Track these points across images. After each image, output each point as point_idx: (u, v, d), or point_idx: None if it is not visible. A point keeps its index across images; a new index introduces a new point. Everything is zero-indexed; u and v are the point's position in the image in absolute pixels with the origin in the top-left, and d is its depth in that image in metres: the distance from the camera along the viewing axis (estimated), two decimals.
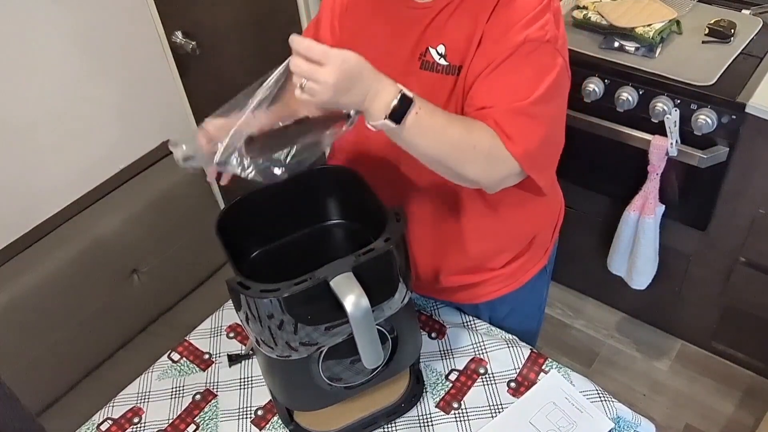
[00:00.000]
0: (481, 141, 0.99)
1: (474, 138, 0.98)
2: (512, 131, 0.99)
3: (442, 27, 1.06)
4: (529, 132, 1.01)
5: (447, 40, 1.05)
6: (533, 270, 1.34)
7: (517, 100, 1.00)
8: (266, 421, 1.21)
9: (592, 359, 2.29)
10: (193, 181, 1.84)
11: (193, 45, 1.91)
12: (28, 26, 1.51)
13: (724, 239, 1.91)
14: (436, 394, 1.22)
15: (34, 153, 1.62)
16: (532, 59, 1.01)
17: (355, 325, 0.91)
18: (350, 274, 0.90)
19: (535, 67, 1.02)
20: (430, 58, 1.07)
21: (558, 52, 1.04)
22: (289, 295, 0.88)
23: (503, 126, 0.99)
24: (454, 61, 1.05)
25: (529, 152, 1.01)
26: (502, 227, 1.23)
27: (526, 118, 1.01)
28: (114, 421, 1.24)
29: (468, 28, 1.03)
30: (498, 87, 1.01)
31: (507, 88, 1.01)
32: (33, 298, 1.57)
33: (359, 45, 1.14)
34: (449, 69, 1.06)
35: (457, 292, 1.33)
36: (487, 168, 1.01)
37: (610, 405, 1.17)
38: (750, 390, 2.15)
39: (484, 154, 0.99)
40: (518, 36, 1.00)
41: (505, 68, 1.01)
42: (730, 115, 1.64)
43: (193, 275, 1.93)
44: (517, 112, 1.00)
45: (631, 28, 1.77)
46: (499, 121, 1.00)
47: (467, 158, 0.99)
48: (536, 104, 1.01)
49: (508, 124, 0.99)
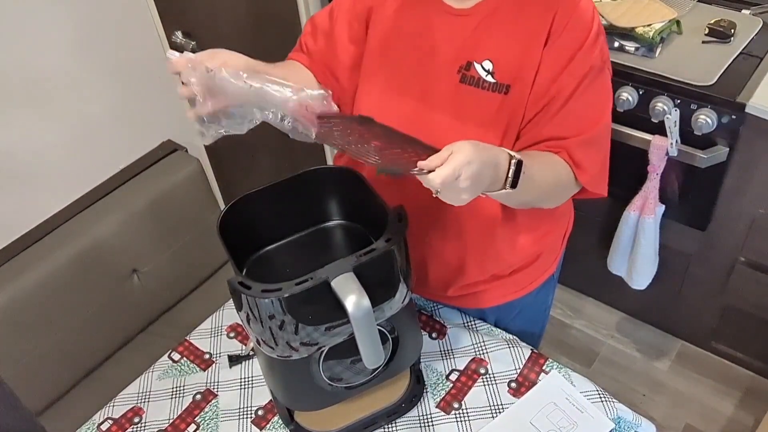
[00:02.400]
0: (562, 177, 1.03)
1: (559, 178, 1.03)
2: (583, 160, 1.04)
3: (485, 39, 1.02)
4: (596, 157, 1.07)
5: (494, 56, 1.02)
6: (541, 278, 1.33)
7: (588, 129, 1.03)
8: (267, 421, 1.21)
9: (592, 359, 2.29)
10: (193, 181, 1.85)
11: (193, 45, 1.91)
12: (28, 26, 1.51)
13: (724, 239, 1.91)
14: (436, 395, 1.22)
15: (34, 153, 1.62)
16: (596, 86, 1.03)
17: (355, 326, 0.91)
18: (351, 274, 0.90)
19: (599, 94, 1.04)
20: (474, 74, 1.03)
21: (611, 71, 1.07)
22: (290, 295, 0.88)
23: (575, 157, 1.03)
24: (503, 79, 1.02)
25: (594, 176, 1.07)
26: (519, 241, 1.21)
27: (595, 145, 1.05)
28: (114, 420, 1.24)
29: (520, 46, 1.00)
30: (570, 119, 1.02)
31: (578, 120, 1.03)
32: (33, 298, 1.57)
33: (392, 45, 1.11)
34: (497, 87, 1.02)
35: (462, 299, 1.32)
36: (561, 198, 1.09)
37: (611, 405, 1.17)
38: (750, 390, 2.15)
39: (562, 187, 1.05)
40: (584, 65, 1.00)
41: (575, 99, 1.01)
42: (730, 115, 1.64)
43: (193, 275, 1.93)
44: (589, 142, 1.04)
45: (631, 28, 1.77)
46: (572, 153, 1.03)
47: (552, 197, 1.06)
48: (604, 131, 1.05)
49: (581, 154, 1.03)
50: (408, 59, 1.09)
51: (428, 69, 1.07)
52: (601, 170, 1.09)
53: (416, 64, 1.08)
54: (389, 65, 1.12)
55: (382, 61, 1.12)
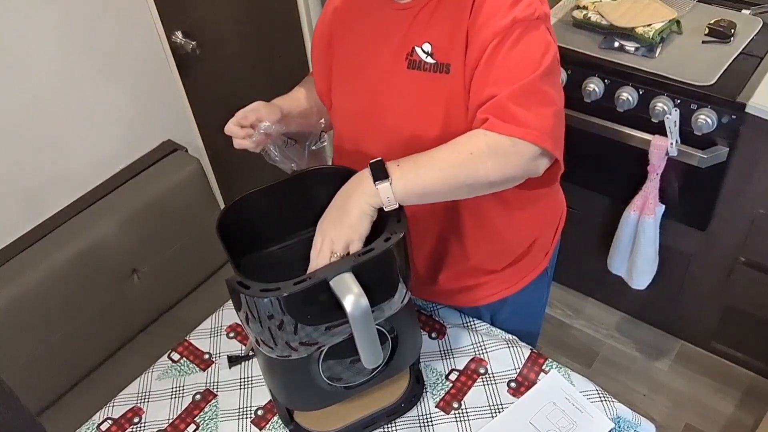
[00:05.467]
0: (472, 145, 0.96)
1: (463, 147, 0.96)
2: (517, 113, 0.95)
3: (425, 25, 1.05)
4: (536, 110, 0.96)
5: (432, 38, 1.04)
6: (533, 273, 1.33)
7: (520, 79, 0.96)
8: (266, 421, 1.21)
9: (592, 359, 2.29)
10: (193, 181, 1.85)
11: (193, 45, 1.91)
12: (28, 26, 1.51)
13: (724, 239, 1.91)
14: (436, 394, 1.22)
15: (34, 153, 1.62)
16: (526, 40, 0.97)
17: (354, 325, 0.91)
18: (350, 273, 0.90)
19: (531, 47, 0.98)
20: (416, 58, 1.06)
21: (549, 31, 1.02)
22: (288, 294, 0.88)
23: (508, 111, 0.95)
24: (442, 59, 1.04)
25: (541, 132, 0.96)
26: (502, 229, 1.22)
27: (533, 96, 0.96)
28: (114, 421, 1.24)
29: (451, 25, 1.02)
30: (500, 75, 0.97)
31: (509, 75, 0.97)
32: (33, 298, 1.57)
33: (346, 47, 1.16)
34: (437, 67, 1.04)
35: (455, 295, 1.33)
36: (500, 163, 0.96)
37: (611, 405, 1.17)
38: (750, 390, 2.15)
39: (485, 153, 0.95)
40: (504, 19, 0.96)
41: (499, 54, 0.97)
42: (730, 115, 1.64)
43: (193, 275, 1.93)
44: (523, 93, 0.96)
45: (631, 28, 1.77)
46: (504, 108, 0.95)
47: (471, 167, 0.96)
48: (541, 82, 0.96)
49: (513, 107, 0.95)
50: (360, 56, 1.14)
51: (380, 62, 1.10)
52: (549, 127, 0.97)
53: (368, 59, 1.13)
54: (345, 64, 1.17)
55: (341, 62, 1.18)
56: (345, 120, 1.21)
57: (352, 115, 1.19)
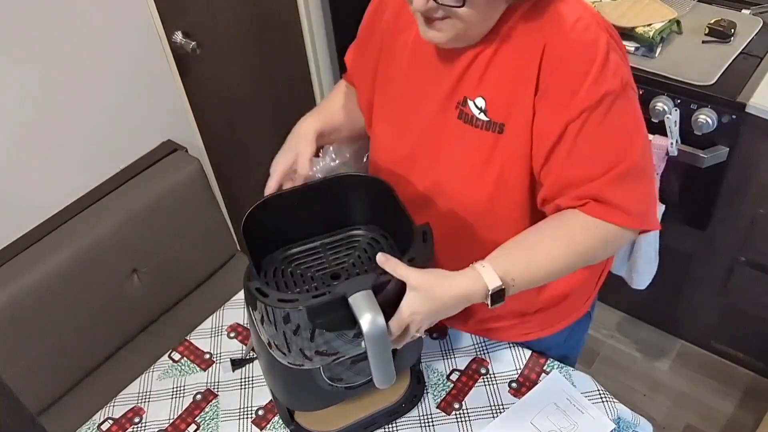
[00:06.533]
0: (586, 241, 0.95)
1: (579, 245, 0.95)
2: (620, 200, 0.92)
3: (479, 78, 0.98)
4: (636, 191, 0.94)
5: (486, 94, 0.97)
6: (570, 318, 1.25)
7: (618, 163, 0.91)
8: (267, 421, 1.21)
9: (592, 359, 2.29)
10: (193, 181, 1.84)
11: (193, 45, 1.91)
12: (27, 25, 1.51)
13: (724, 239, 1.91)
14: (437, 395, 1.21)
15: (34, 153, 1.62)
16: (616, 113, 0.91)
17: (369, 345, 0.88)
18: (369, 292, 0.87)
19: (622, 121, 0.92)
20: (468, 111, 0.99)
21: (634, 91, 0.95)
22: (305, 307, 0.87)
23: (608, 199, 0.92)
24: (496, 117, 0.97)
25: (639, 215, 0.95)
26: None
27: (633, 179, 0.93)
28: (114, 420, 1.24)
29: (509, 84, 0.95)
30: (591, 154, 0.92)
31: (603, 154, 0.92)
32: (33, 298, 1.57)
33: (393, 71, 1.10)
34: (490, 125, 0.97)
35: (485, 333, 1.28)
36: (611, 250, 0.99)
37: (612, 405, 1.17)
38: (750, 390, 2.15)
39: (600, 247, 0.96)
40: (593, 96, 0.89)
41: (590, 132, 0.91)
42: (730, 115, 1.64)
43: (193, 275, 1.93)
44: (622, 177, 0.92)
45: (631, 27, 1.77)
46: (604, 195, 0.92)
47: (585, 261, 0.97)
48: (639, 159, 0.93)
49: (615, 193, 0.92)
50: (407, 92, 1.08)
51: (429, 105, 1.04)
52: (648, 205, 0.96)
53: (416, 97, 1.06)
54: (391, 93, 1.12)
55: (386, 87, 1.12)
56: (384, 156, 1.15)
57: (392, 153, 1.13)
